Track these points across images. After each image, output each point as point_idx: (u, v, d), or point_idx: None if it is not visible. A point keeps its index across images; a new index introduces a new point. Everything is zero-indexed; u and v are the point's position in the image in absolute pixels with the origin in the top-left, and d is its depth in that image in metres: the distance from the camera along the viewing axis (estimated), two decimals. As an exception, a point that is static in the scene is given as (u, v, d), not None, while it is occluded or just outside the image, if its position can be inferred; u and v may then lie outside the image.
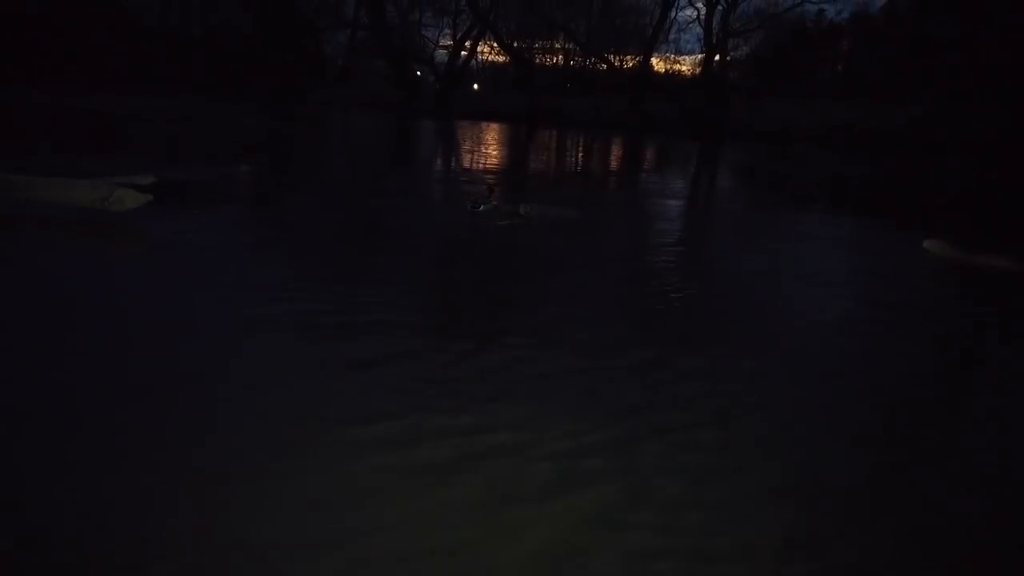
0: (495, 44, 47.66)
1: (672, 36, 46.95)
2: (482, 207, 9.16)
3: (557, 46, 49.58)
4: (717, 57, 42.93)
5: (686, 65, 50.04)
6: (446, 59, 47.02)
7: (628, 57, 46.13)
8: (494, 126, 33.00)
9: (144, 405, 3.44)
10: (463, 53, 46.21)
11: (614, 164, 21.21)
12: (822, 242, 9.06)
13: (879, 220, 11.65)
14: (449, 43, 47.55)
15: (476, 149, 21.37)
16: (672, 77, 48.78)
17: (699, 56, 46.13)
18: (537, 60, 49.06)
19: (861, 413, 3.99)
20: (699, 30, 43.38)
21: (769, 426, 3.70)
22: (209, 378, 3.84)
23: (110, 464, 2.93)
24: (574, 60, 49.43)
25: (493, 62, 53.75)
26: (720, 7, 41.45)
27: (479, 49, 48.34)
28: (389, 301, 5.41)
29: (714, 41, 42.05)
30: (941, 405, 4.38)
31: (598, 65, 45.69)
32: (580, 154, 23.85)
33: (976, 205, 14.89)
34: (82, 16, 35.11)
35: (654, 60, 46.64)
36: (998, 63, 31.30)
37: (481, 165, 16.74)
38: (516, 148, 23.65)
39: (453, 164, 17.21)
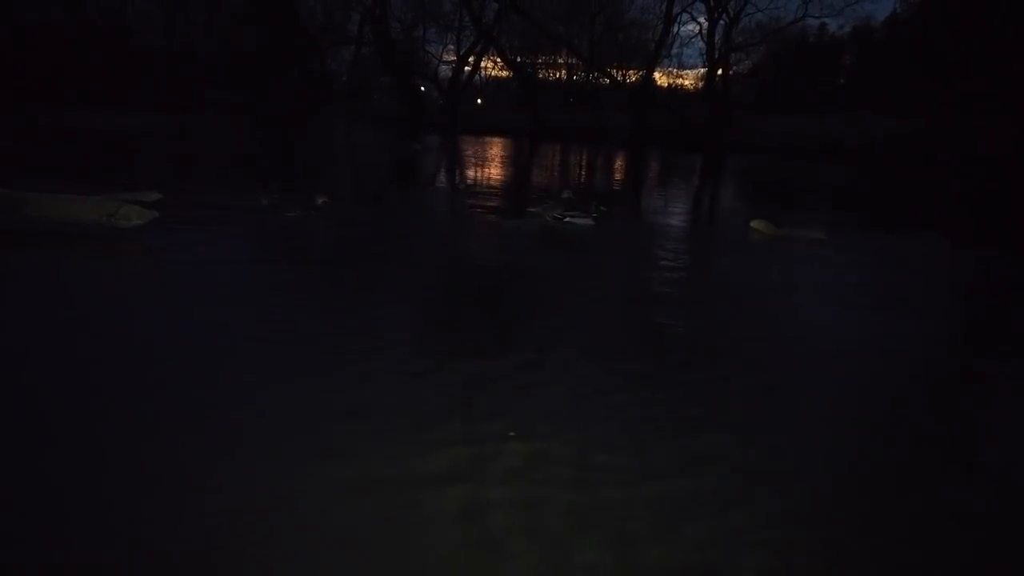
0: (498, 59, 47.96)
1: (675, 51, 47.41)
2: (567, 218, 9.34)
3: (560, 61, 49.95)
4: (719, 71, 43.14)
5: (689, 79, 50.35)
6: (449, 74, 47.33)
7: (631, 71, 46.38)
8: (497, 141, 33.09)
9: (150, 418, 3.40)
10: (466, 68, 46.48)
11: (620, 178, 21.22)
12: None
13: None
14: (452, 58, 47.88)
15: (483, 164, 21.40)
16: (675, 91, 49.01)
17: (701, 70, 46.42)
18: (540, 75, 49.35)
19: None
20: (701, 44, 43.74)
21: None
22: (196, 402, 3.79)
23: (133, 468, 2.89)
24: (577, 75, 49.72)
25: (496, 77, 54.08)
26: (722, 22, 41.73)
27: (482, 64, 48.66)
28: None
29: (716, 55, 42.26)
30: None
31: (601, 80, 45.92)
32: (585, 168, 23.87)
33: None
34: (88, 38, 35.45)
35: (657, 74, 46.89)
36: (1001, 76, 31.38)
37: (494, 180, 16.75)
38: (521, 163, 23.69)
39: (458, 180, 17.20)
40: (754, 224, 9.87)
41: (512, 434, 3.22)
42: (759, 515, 2.95)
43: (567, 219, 9.32)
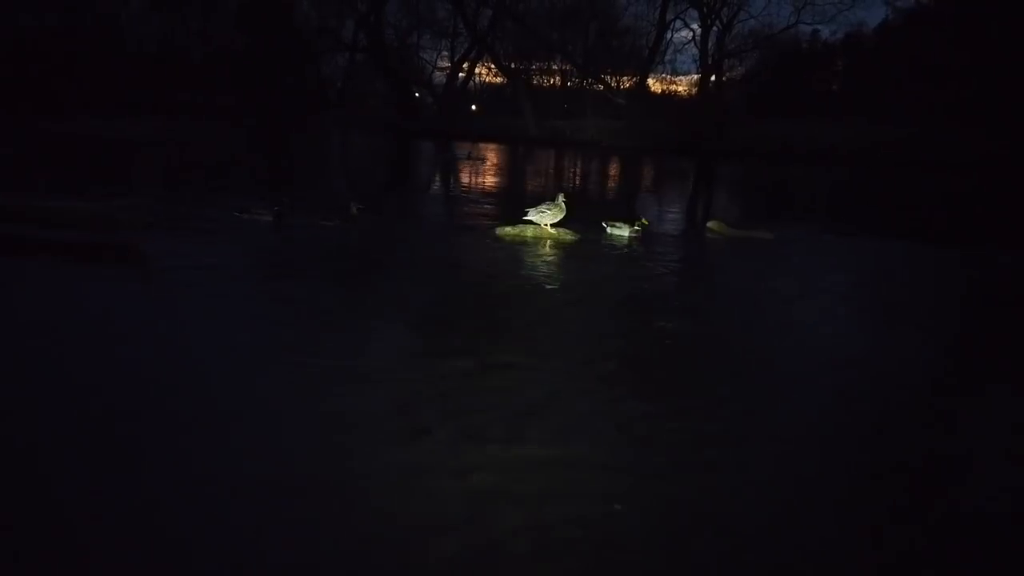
0: (492, 65, 48.12)
1: (668, 57, 47.71)
2: (608, 228, 9.60)
3: (554, 67, 50.12)
4: (713, 77, 43.39)
5: (683, 85, 50.62)
6: (444, 81, 47.45)
7: (625, 78, 46.60)
8: (492, 147, 33.15)
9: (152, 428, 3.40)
10: (461, 75, 46.64)
11: (616, 183, 21.31)
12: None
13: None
14: (447, 65, 48.04)
15: (483, 171, 21.45)
16: (669, 97, 49.26)
17: (695, 76, 46.68)
18: (534, 81, 49.53)
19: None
20: (695, 51, 44.00)
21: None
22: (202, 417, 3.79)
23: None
24: (571, 81, 49.93)
25: (491, 83, 54.24)
26: (715, 28, 42.04)
27: (477, 71, 48.85)
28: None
29: (710, 62, 42.55)
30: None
31: (595, 86, 46.14)
32: (580, 173, 23.96)
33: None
34: (85, 44, 35.42)
35: (651, 80, 47.20)
36: (986, 86, 31.70)
37: (493, 186, 16.78)
38: (517, 169, 23.76)
39: (453, 186, 17.22)
40: (710, 224, 10.81)
41: (618, 507, 3.07)
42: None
43: (608, 229, 9.62)
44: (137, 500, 2.86)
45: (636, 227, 9.68)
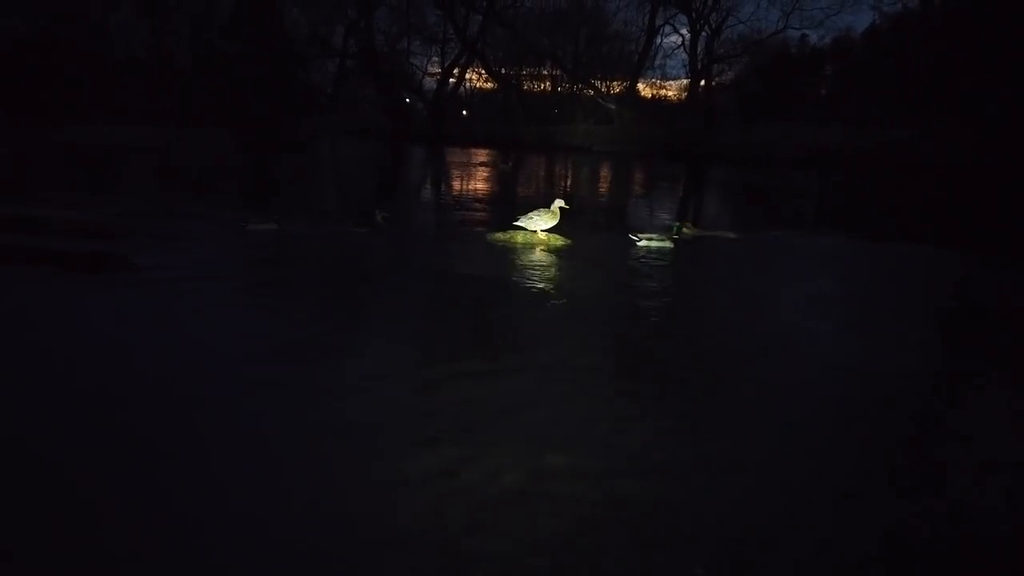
0: (483, 71, 48.21)
1: (658, 62, 47.99)
2: (643, 241, 9.02)
3: (545, 72, 50.30)
4: (703, 82, 43.66)
5: (672, 90, 50.92)
6: (435, 86, 47.49)
7: (615, 83, 46.80)
8: (483, 152, 33.16)
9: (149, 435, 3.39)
10: (451, 80, 46.69)
11: (606, 188, 21.35)
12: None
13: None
14: (437, 71, 48.11)
15: (469, 177, 21.49)
16: (659, 102, 49.52)
17: (685, 81, 46.96)
18: (525, 87, 49.67)
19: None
20: (684, 56, 44.31)
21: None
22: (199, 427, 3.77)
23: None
24: (562, 86, 50.10)
25: (481, 89, 54.36)
26: (704, 33, 42.35)
27: (467, 76, 48.90)
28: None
29: (699, 67, 42.82)
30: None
31: (585, 91, 46.33)
32: (574, 179, 24.00)
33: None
34: (73, 51, 35.29)
35: (640, 85, 47.45)
36: (976, 88, 32.01)
37: (484, 193, 16.81)
38: (511, 174, 23.79)
39: (445, 193, 17.24)
40: (678, 225, 11.10)
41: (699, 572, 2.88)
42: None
43: (642, 241, 8.95)
44: (144, 502, 2.88)
45: (675, 235, 9.28)
